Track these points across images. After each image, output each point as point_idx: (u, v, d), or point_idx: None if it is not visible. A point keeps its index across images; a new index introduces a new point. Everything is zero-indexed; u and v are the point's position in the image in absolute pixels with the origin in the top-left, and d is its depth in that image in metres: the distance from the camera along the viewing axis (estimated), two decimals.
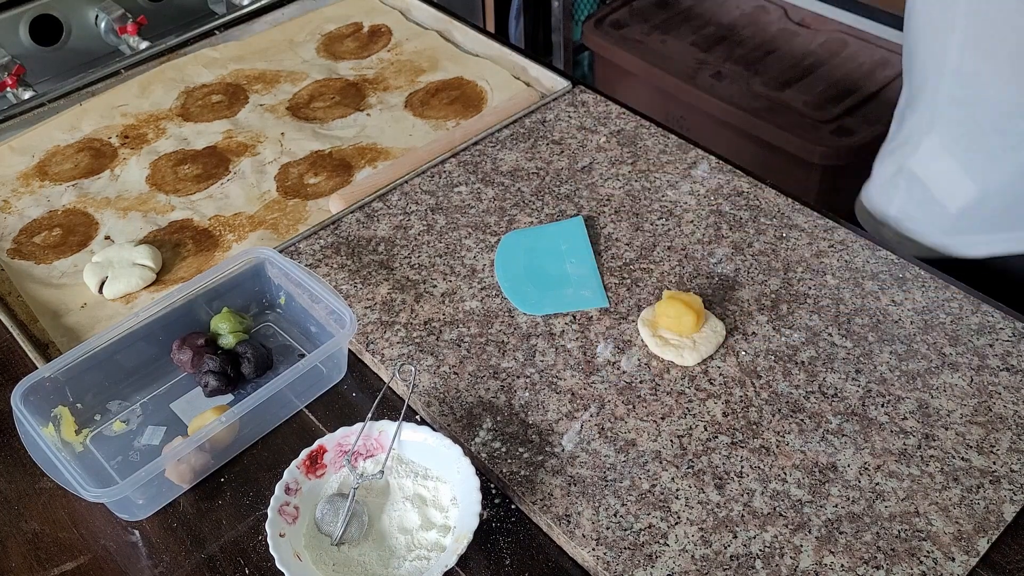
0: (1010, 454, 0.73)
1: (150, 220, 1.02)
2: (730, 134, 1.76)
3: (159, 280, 0.95)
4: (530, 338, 0.84)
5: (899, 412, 0.77)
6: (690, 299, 0.82)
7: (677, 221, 0.95)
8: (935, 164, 0.99)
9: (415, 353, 0.83)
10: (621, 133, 1.07)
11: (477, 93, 1.18)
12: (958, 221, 0.99)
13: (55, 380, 0.78)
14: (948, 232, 1.01)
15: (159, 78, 1.23)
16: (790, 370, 0.80)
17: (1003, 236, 0.98)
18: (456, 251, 0.93)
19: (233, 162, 1.10)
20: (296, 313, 0.88)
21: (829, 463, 0.73)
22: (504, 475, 0.73)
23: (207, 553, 0.71)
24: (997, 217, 0.97)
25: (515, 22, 2.25)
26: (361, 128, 1.14)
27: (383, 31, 1.31)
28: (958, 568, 0.66)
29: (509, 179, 1.02)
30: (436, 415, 0.78)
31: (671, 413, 0.77)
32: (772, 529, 0.69)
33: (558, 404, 0.78)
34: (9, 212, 1.05)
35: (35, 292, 0.94)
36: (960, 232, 1.00)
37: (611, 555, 0.68)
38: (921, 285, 0.87)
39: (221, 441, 0.76)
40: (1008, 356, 0.80)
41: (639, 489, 0.72)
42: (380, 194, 1.00)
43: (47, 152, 1.13)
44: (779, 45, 1.88)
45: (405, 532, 0.70)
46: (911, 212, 1.03)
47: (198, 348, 0.83)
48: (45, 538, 0.73)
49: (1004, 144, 0.92)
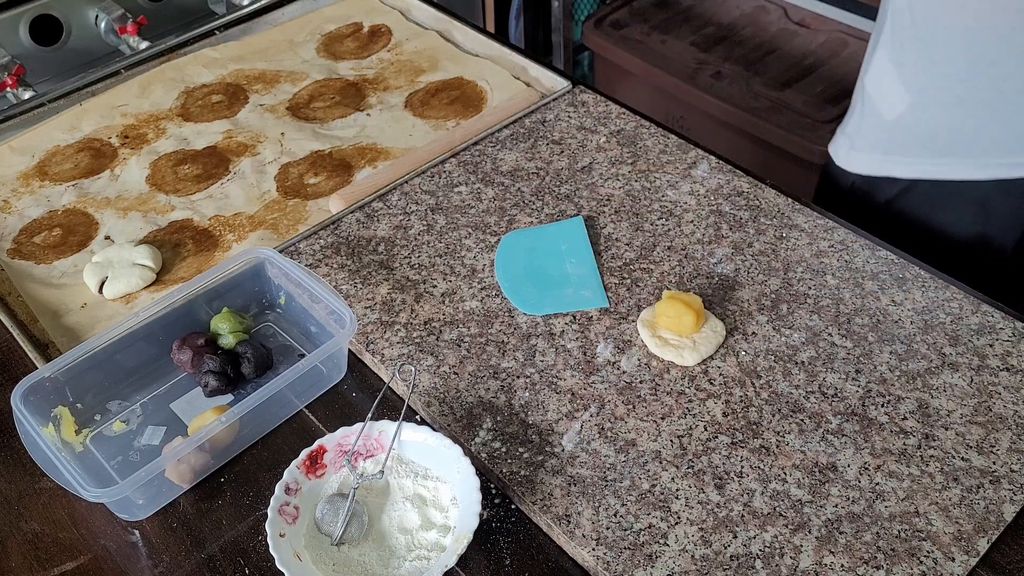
0: (1010, 454, 0.73)
1: (150, 220, 1.02)
2: (730, 134, 1.76)
3: (159, 280, 0.95)
4: (530, 338, 0.84)
5: (899, 412, 0.77)
6: (690, 299, 0.82)
7: (677, 221, 0.95)
8: (881, 77, 1.03)
9: (415, 353, 0.83)
10: (621, 133, 1.07)
11: (477, 93, 1.18)
12: (893, 134, 1.03)
13: (55, 380, 0.78)
14: (885, 149, 1.05)
15: (159, 78, 1.23)
16: (790, 370, 0.80)
17: (929, 161, 1.01)
18: (456, 251, 0.93)
19: (233, 162, 1.10)
20: (296, 313, 0.88)
21: (829, 463, 0.73)
22: (504, 475, 0.73)
23: (207, 553, 0.71)
24: (927, 140, 1.00)
25: (515, 22, 2.25)
26: (361, 128, 1.14)
27: (383, 31, 1.31)
28: (958, 568, 0.66)
29: (509, 179, 1.02)
30: (436, 415, 0.78)
31: (671, 413, 0.77)
32: (772, 529, 0.69)
33: (558, 404, 0.78)
34: (9, 212, 1.05)
35: (35, 292, 0.94)
36: (894, 150, 1.04)
37: (611, 555, 0.68)
38: (921, 285, 0.87)
39: (221, 441, 0.76)
40: (1008, 356, 0.80)
41: (639, 489, 0.72)
42: (380, 194, 1.00)
43: (47, 152, 1.13)
44: (779, 45, 1.88)
45: (405, 532, 0.70)
46: (860, 129, 1.08)
47: (198, 348, 0.83)
48: (45, 538, 0.73)
49: (943, 59, 0.95)
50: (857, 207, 1.09)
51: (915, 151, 1.02)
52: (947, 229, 1.05)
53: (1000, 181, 0.99)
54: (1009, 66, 0.91)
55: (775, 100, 1.73)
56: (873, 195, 1.08)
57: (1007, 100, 0.93)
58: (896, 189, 1.06)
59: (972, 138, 0.97)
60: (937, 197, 1.03)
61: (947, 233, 1.05)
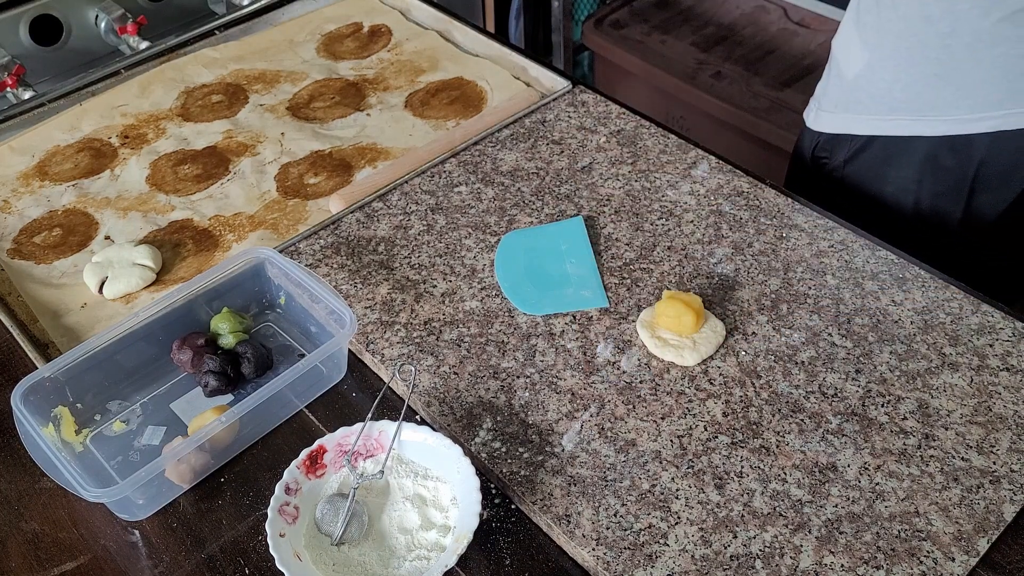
0: (1010, 454, 0.73)
1: (150, 220, 1.02)
2: (730, 134, 1.76)
3: (159, 280, 0.95)
4: (530, 338, 0.84)
5: (899, 412, 0.77)
6: (690, 299, 0.82)
7: (677, 221, 0.95)
8: (846, 39, 1.08)
9: (415, 353, 0.83)
10: (621, 133, 1.07)
11: (477, 93, 1.18)
12: (853, 92, 1.07)
13: (55, 380, 0.78)
14: (846, 107, 1.08)
15: (159, 78, 1.23)
16: (790, 370, 0.80)
17: (884, 117, 1.05)
18: (456, 251, 0.93)
19: (233, 162, 1.10)
20: (296, 313, 0.88)
21: (829, 463, 0.73)
22: (504, 475, 0.73)
23: (207, 553, 0.71)
24: (881, 96, 1.04)
25: (515, 22, 2.25)
26: (361, 128, 1.14)
27: (383, 31, 1.31)
28: (958, 568, 0.66)
29: (509, 179, 1.02)
30: (436, 415, 0.78)
31: (671, 413, 0.77)
32: (772, 529, 0.69)
33: (558, 404, 0.78)
34: (9, 212, 1.05)
35: (35, 292, 0.94)
36: (853, 108, 1.07)
37: (611, 555, 0.68)
38: (921, 285, 0.87)
39: (221, 441, 0.76)
40: (1008, 356, 0.80)
41: (639, 489, 0.72)
42: (380, 194, 1.00)
43: (47, 152, 1.13)
44: (779, 45, 1.88)
45: (405, 532, 0.70)
46: (827, 90, 1.12)
47: (198, 348, 0.83)
48: (45, 538, 0.73)
49: (896, 17, 0.99)
50: (818, 172, 1.13)
51: (871, 108, 1.05)
52: (897, 194, 1.07)
53: (947, 137, 1.01)
54: (954, 23, 0.94)
55: (775, 100, 1.73)
56: (832, 157, 1.11)
57: (953, 56, 0.96)
58: (853, 148, 1.09)
59: (921, 94, 1.00)
60: (888, 157, 1.06)
61: (897, 198, 1.08)
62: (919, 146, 1.03)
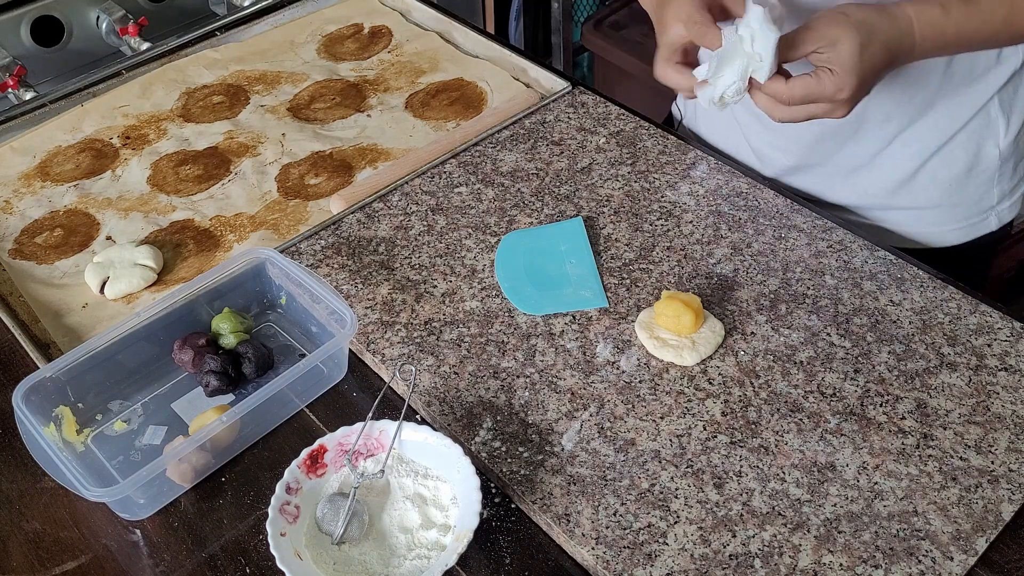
0: (1008, 454, 0.73)
1: (151, 220, 1.03)
2: None
3: (160, 280, 0.95)
4: (530, 338, 0.84)
5: (897, 412, 0.77)
6: (689, 299, 0.82)
7: (676, 221, 0.95)
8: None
9: (415, 353, 0.84)
10: (620, 134, 1.07)
11: (477, 94, 1.18)
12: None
13: (56, 380, 0.78)
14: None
15: (160, 79, 1.23)
16: (789, 370, 0.81)
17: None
18: (456, 251, 0.94)
19: (234, 163, 1.10)
20: (297, 313, 0.89)
21: (828, 463, 0.73)
22: (504, 474, 0.74)
23: (208, 552, 0.72)
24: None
25: (515, 23, 2.26)
26: (362, 129, 1.14)
27: (384, 32, 1.32)
28: (956, 567, 0.67)
29: (509, 180, 1.02)
30: (436, 415, 0.79)
31: (670, 413, 0.78)
32: (771, 528, 0.69)
33: (558, 404, 0.79)
34: (10, 213, 1.05)
35: (36, 292, 0.94)
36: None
37: (611, 554, 0.68)
38: (919, 285, 0.87)
39: (222, 441, 0.76)
40: (1006, 356, 0.81)
41: (638, 488, 0.72)
42: (381, 195, 1.01)
43: (48, 153, 1.13)
44: None
45: (405, 531, 0.70)
46: None
47: (199, 348, 0.83)
48: (46, 537, 0.73)
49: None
50: None
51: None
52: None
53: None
54: None
55: None
56: None
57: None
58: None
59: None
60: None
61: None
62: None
